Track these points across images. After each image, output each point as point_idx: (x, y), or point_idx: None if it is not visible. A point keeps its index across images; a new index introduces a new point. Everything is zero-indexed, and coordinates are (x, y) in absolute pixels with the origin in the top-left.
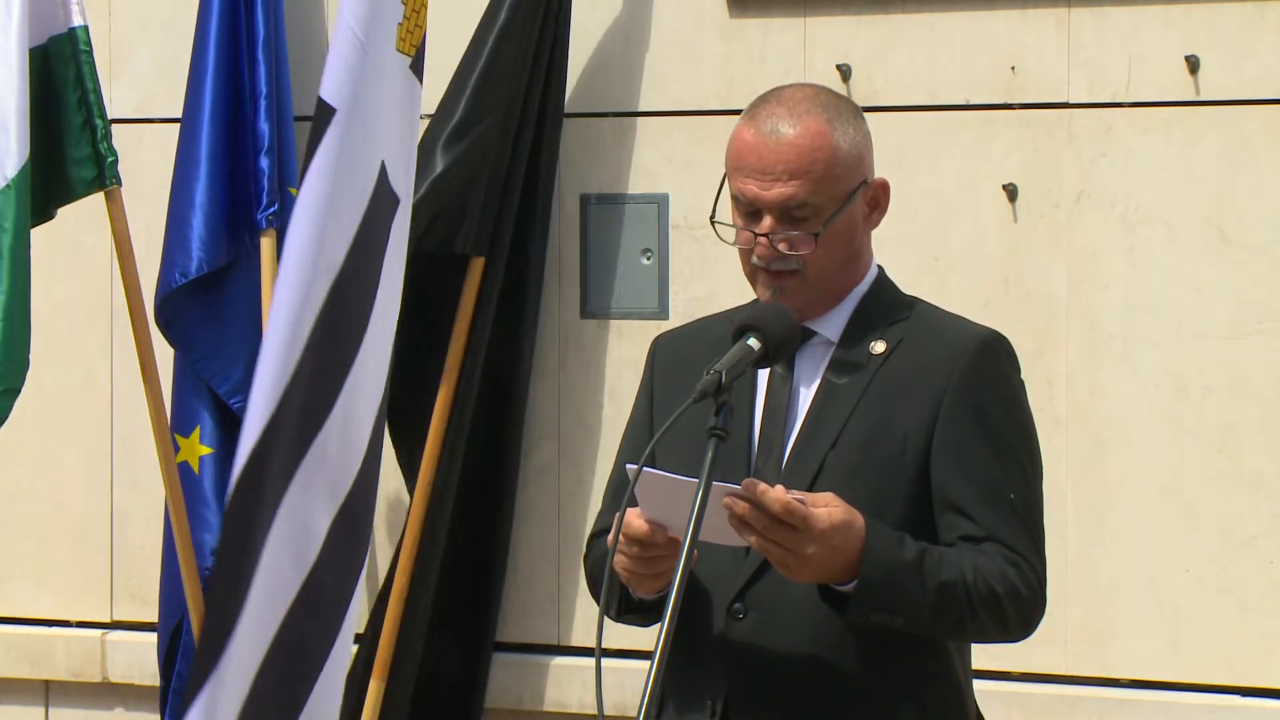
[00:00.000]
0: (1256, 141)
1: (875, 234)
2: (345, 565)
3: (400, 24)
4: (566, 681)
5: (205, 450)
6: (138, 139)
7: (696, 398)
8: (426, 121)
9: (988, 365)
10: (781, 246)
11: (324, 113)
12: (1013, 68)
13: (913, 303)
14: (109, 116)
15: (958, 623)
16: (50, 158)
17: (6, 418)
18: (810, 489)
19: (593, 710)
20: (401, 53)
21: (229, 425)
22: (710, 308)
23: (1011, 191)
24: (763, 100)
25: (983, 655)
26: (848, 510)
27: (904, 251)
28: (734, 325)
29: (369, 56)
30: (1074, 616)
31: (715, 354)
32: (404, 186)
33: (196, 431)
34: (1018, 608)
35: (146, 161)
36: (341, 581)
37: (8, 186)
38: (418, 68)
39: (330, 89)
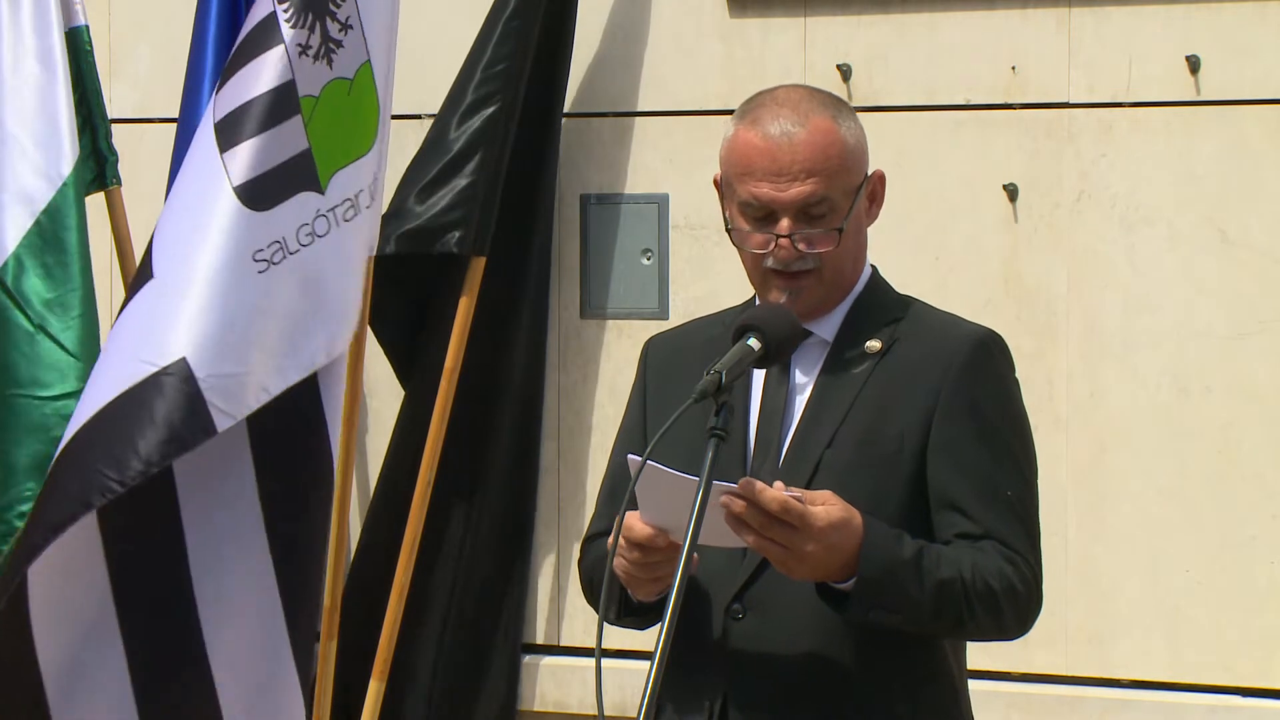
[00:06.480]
0: (1256, 141)
1: (875, 234)
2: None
3: None
4: (566, 681)
5: None
6: (138, 139)
7: (697, 398)
8: (430, 120)
9: (983, 364)
10: (801, 246)
11: None
12: (1013, 68)
13: (908, 302)
14: (109, 116)
15: (955, 621)
16: None
17: None
18: (807, 488)
19: (593, 710)
20: None
21: None
22: (710, 308)
23: (1012, 191)
24: (757, 104)
25: (982, 655)
26: (846, 508)
27: (904, 251)
28: (733, 325)
29: None
30: (1074, 617)
31: (708, 355)
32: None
33: None
34: (1014, 605)
35: (146, 161)
36: None
37: (65, 184)
38: None
39: None
